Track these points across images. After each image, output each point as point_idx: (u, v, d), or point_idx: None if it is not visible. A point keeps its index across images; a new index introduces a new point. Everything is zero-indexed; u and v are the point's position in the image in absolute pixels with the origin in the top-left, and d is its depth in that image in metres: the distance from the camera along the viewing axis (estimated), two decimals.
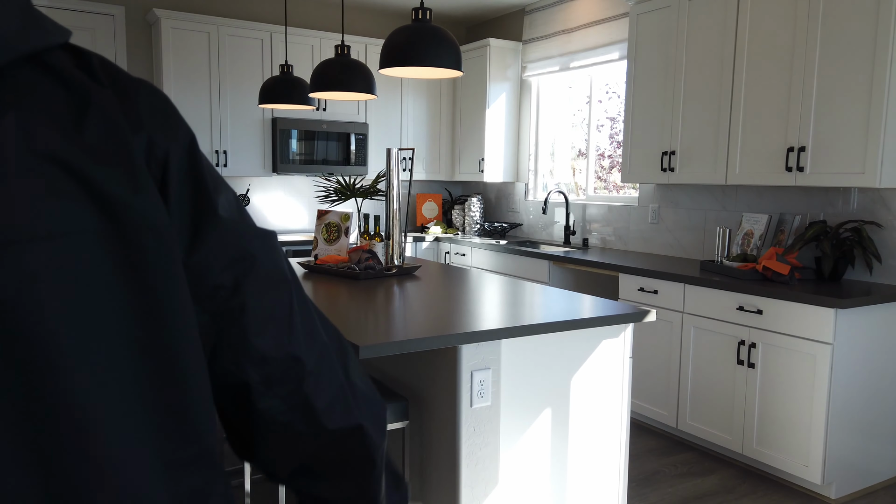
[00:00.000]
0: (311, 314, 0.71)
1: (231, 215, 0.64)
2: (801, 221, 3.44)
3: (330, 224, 3.16)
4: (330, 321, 0.75)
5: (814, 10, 3.08)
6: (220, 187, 0.65)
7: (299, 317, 0.68)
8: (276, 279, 0.67)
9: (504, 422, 2.12)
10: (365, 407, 0.72)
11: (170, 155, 0.59)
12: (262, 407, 0.66)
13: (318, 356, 0.69)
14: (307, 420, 0.68)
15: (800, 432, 2.93)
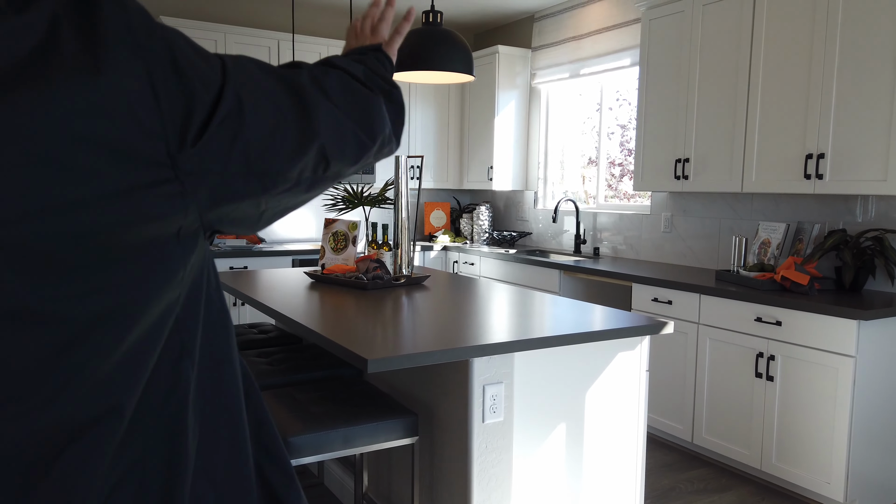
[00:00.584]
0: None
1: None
2: (820, 230, 3.36)
3: (337, 233, 3.10)
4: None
5: (832, 14, 3.01)
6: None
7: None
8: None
9: (517, 437, 2.04)
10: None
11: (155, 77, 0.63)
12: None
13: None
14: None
15: (821, 448, 2.84)
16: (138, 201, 0.60)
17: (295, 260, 4.80)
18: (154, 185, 0.61)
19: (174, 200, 0.63)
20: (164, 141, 0.61)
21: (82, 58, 0.56)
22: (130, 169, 0.59)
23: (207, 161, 0.65)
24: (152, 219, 0.61)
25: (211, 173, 0.65)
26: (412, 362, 1.77)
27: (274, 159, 0.71)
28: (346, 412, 1.99)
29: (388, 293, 2.75)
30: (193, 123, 0.63)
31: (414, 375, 2.24)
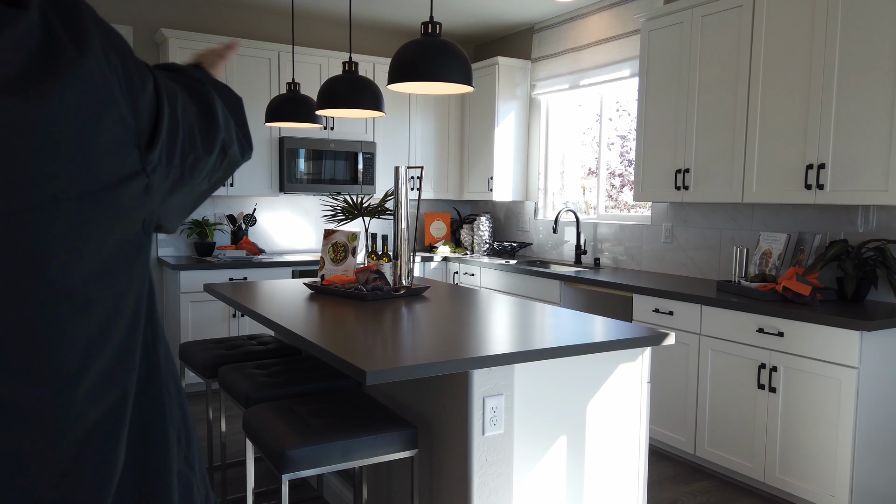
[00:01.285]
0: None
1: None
2: (821, 240, 3.35)
3: (337, 244, 3.09)
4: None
5: (832, 23, 3.02)
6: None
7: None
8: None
9: (518, 450, 2.02)
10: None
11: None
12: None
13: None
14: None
15: (825, 460, 2.81)
16: (121, 194, 0.63)
17: (295, 271, 4.79)
18: (131, 178, 0.64)
19: (142, 194, 0.67)
20: (135, 134, 0.65)
21: (71, 47, 0.59)
22: (121, 160, 0.63)
23: (163, 156, 0.70)
24: (129, 211, 0.65)
25: (164, 167, 0.71)
26: (411, 374, 1.75)
27: (199, 153, 0.78)
28: (345, 425, 1.97)
29: (388, 304, 2.74)
30: (150, 121, 0.68)
31: (413, 387, 2.22)
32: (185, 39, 4.60)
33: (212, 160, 0.82)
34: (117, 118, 0.61)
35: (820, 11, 3.07)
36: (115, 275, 0.64)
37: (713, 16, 3.58)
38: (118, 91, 0.62)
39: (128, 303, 0.67)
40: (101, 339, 0.63)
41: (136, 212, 0.67)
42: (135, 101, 0.65)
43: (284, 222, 5.36)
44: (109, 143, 0.61)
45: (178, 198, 0.78)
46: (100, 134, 0.60)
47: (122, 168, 0.63)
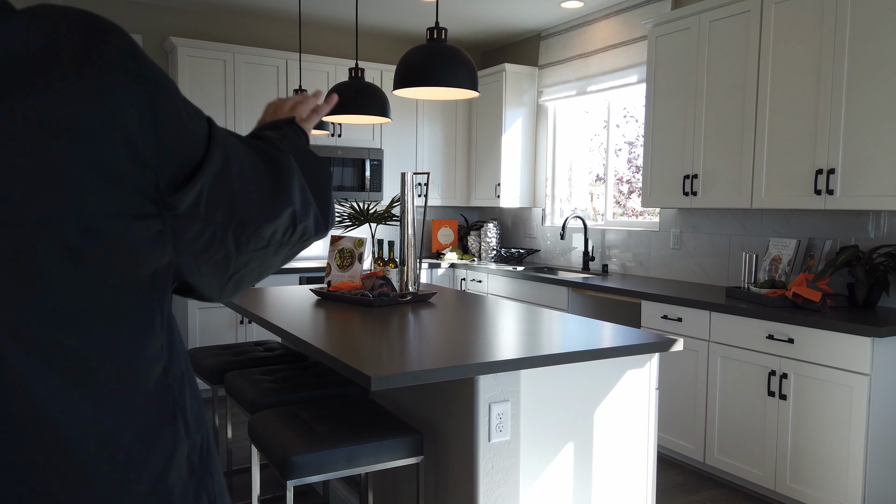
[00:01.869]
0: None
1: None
2: (832, 246, 3.31)
3: (343, 250, 3.09)
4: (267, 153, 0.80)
5: (841, 27, 3.00)
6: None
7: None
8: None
9: (524, 457, 2.00)
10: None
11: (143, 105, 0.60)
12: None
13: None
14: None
15: (837, 468, 2.78)
16: (121, 229, 0.58)
17: (302, 277, 4.79)
18: (138, 217, 0.60)
19: (152, 239, 0.62)
20: (155, 173, 0.60)
21: (80, 68, 0.56)
22: (117, 193, 0.58)
23: (198, 208, 0.65)
24: (128, 254, 0.60)
25: (196, 219, 0.66)
26: (416, 380, 1.74)
27: (253, 218, 0.74)
28: (350, 431, 1.96)
29: (394, 310, 2.73)
30: (186, 166, 0.64)
31: (419, 394, 2.21)
32: (194, 48, 4.63)
33: (276, 230, 0.77)
34: (116, 149, 0.57)
35: (829, 15, 3.05)
36: (94, 320, 0.59)
37: (721, 21, 3.57)
38: (133, 122, 0.58)
39: (136, 363, 0.62)
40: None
41: (142, 257, 0.61)
42: (158, 137, 0.61)
43: None
44: (97, 172, 0.56)
45: (223, 262, 0.73)
46: (81, 160, 0.55)
47: (120, 203, 0.58)
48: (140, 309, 0.62)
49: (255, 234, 0.75)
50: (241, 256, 0.75)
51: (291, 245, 0.83)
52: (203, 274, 0.72)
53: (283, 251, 0.82)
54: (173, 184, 0.62)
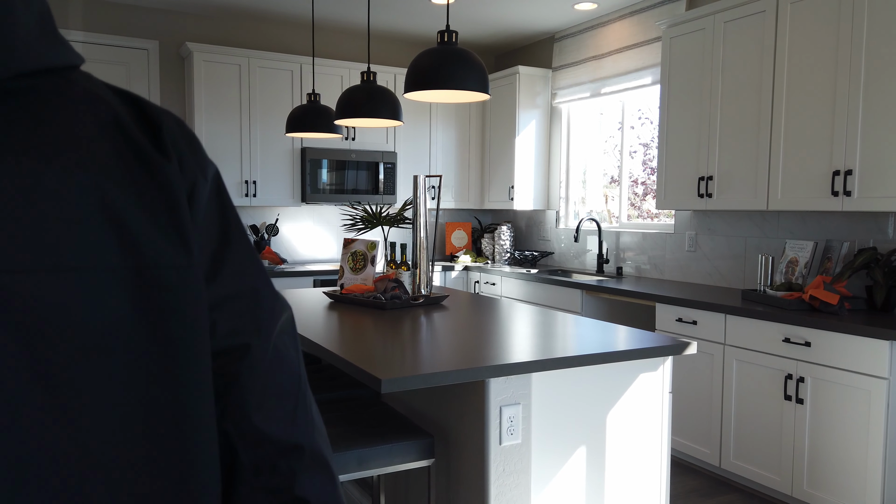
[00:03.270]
0: (311, 399, 0.66)
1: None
2: (849, 248, 3.27)
3: (356, 253, 3.09)
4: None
5: (857, 28, 2.96)
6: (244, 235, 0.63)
7: (305, 399, 0.64)
8: (289, 351, 0.64)
9: (536, 461, 1.99)
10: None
11: (197, 187, 0.58)
12: (240, 496, 0.59)
13: (317, 445, 0.64)
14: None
15: (855, 473, 2.73)
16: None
17: (316, 280, 4.81)
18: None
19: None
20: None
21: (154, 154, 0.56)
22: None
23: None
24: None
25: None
26: (426, 382, 1.74)
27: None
28: (362, 433, 1.97)
29: (407, 313, 2.73)
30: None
31: (430, 396, 2.21)
32: (210, 53, 4.67)
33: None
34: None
35: (845, 14, 3.01)
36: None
37: (736, 21, 3.54)
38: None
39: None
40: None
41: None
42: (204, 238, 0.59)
43: (306, 232, 5.40)
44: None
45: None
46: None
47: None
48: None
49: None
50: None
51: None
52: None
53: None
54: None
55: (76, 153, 0.50)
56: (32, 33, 0.50)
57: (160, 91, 4.88)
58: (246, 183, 4.84)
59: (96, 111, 0.53)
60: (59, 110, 0.51)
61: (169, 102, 4.93)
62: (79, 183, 0.49)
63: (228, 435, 0.59)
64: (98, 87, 0.55)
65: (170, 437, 0.51)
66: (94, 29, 4.66)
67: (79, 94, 0.53)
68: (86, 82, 0.55)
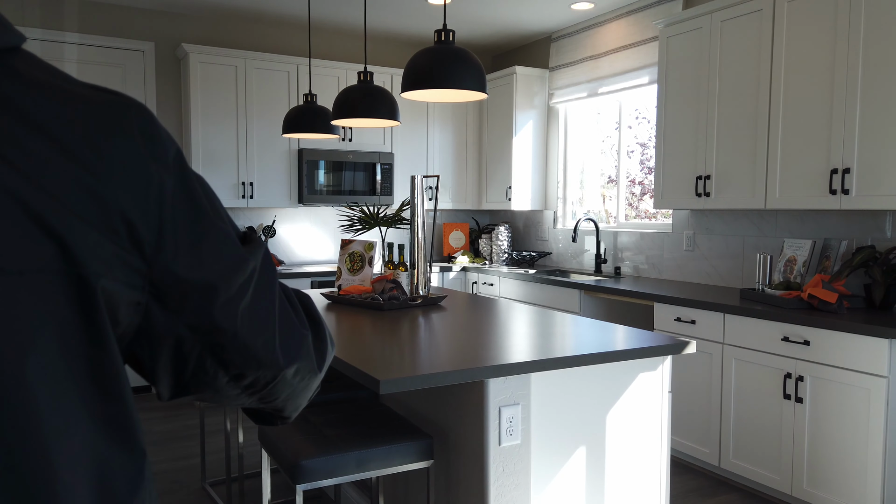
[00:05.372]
0: (290, 314, 0.72)
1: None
2: (848, 247, 3.27)
3: (353, 254, 3.08)
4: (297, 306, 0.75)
5: (854, 26, 2.96)
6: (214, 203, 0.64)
7: (284, 324, 0.70)
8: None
9: (535, 461, 1.98)
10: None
11: (164, 183, 0.58)
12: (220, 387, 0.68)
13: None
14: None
15: (855, 472, 2.73)
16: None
17: (314, 281, 4.80)
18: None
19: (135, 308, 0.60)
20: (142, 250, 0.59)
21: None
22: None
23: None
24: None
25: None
26: (425, 383, 1.73)
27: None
28: (360, 435, 1.96)
29: (405, 314, 2.72)
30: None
31: (429, 397, 2.19)
32: (206, 54, 4.66)
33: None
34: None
35: (842, 12, 3.01)
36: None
37: (733, 20, 3.54)
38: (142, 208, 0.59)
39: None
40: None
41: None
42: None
43: (304, 234, 5.39)
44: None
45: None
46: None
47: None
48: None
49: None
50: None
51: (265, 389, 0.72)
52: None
53: (256, 393, 0.72)
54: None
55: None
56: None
57: (156, 93, 4.86)
58: (243, 184, 4.83)
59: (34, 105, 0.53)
60: (11, 98, 0.51)
61: (165, 104, 4.91)
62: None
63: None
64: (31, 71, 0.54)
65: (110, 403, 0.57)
66: (89, 31, 4.65)
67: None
68: (24, 64, 0.54)
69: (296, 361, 0.70)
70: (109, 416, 0.56)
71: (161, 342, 0.61)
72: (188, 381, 0.65)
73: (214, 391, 0.67)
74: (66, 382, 0.53)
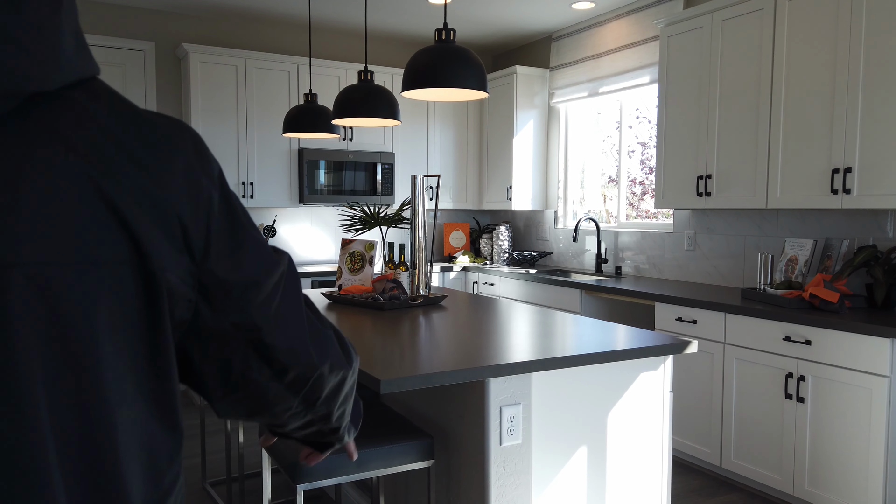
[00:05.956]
0: (319, 321, 0.81)
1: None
2: (849, 246, 3.26)
3: (354, 253, 3.08)
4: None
5: (856, 25, 2.95)
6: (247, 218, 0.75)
7: (314, 328, 0.79)
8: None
9: (536, 461, 1.98)
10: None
11: (212, 196, 0.68)
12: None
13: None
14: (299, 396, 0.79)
15: (857, 472, 2.72)
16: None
17: (315, 281, 4.80)
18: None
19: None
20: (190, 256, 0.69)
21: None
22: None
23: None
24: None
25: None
26: (425, 383, 1.72)
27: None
28: (361, 434, 1.95)
29: (405, 313, 2.72)
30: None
31: (430, 397, 2.19)
32: (207, 54, 4.66)
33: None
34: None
35: (843, 11, 3.00)
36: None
37: (734, 19, 3.53)
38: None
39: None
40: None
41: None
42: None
43: (304, 233, 5.38)
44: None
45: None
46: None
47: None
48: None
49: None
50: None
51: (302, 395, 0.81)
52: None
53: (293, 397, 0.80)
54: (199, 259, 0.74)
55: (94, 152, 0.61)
56: (70, 50, 0.61)
57: (156, 92, 4.86)
58: (243, 184, 4.82)
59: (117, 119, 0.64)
60: (96, 115, 0.61)
61: (165, 104, 4.91)
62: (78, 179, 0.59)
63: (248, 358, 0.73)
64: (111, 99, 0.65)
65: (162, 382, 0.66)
66: (89, 30, 4.65)
67: (104, 101, 0.64)
68: (103, 91, 0.65)
69: (328, 358, 0.78)
70: (159, 395, 0.64)
71: (209, 338, 0.69)
72: (237, 380, 0.72)
73: (260, 392, 0.74)
74: (128, 361, 0.61)
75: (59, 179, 0.57)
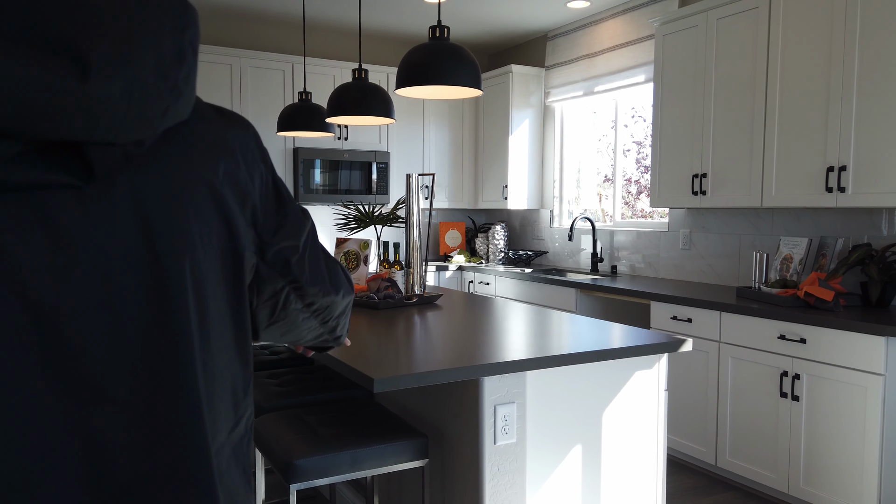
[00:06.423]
0: (332, 263, 1.03)
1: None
2: (844, 245, 3.26)
3: (349, 252, 3.07)
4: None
5: (851, 22, 2.95)
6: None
7: (331, 270, 1.02)
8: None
9: (531, 460, 1.97)
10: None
11: (268, 179, 0.87)
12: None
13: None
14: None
15: (852, 470, 2.72)
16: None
17: None
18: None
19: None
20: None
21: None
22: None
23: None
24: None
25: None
26: (419, 381, 1.71)
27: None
28: (355, 434, 1.94)
29: (400, 313, 2.71)
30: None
31: (424, 396, 2.18)
32: (201, 52, 4.61)
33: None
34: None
35: (838, 10, 3.00)
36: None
37: (728, 18, 3.53)
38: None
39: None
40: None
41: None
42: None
43: None
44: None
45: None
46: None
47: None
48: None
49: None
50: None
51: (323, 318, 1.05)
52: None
53: (313, 319, 1.03)
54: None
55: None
56: (193, 92, 0.77)
57: None
58: None
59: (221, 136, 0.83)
60: (207, 133, 0.79)
61: None
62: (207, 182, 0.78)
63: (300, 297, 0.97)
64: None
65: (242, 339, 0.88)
66: None
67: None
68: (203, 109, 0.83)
69: (341, 287, 1.02)
70: (241, 344, 0.84)
71: (264, 287, 0.90)
72: (279, 314, 0.95)
73: (293, 319, 0.98)
74: (224, 321, 0.81)
75: (190, 181, 0.75)
